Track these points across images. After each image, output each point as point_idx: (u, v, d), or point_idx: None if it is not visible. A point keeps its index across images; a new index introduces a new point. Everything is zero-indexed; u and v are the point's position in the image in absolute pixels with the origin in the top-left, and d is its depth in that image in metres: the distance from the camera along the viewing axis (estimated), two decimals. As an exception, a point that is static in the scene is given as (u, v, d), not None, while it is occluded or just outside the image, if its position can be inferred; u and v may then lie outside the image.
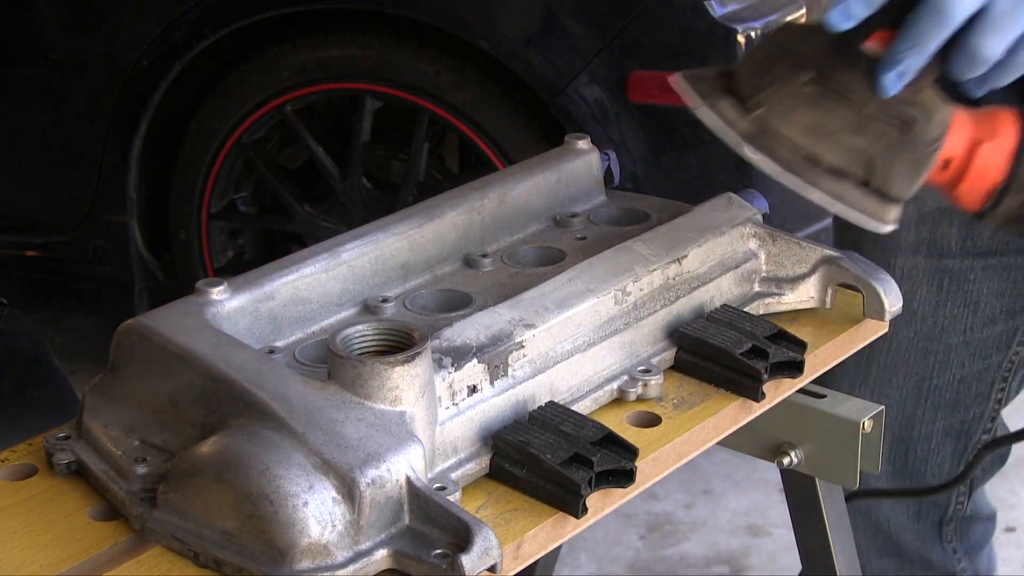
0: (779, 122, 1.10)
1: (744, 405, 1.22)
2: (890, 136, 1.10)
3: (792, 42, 1.12)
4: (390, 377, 1.01)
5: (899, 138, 1.10)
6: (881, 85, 1.06)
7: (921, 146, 1.11)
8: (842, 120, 1.10)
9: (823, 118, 1.09)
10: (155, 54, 2.93)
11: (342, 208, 3.00)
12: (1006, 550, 2.98)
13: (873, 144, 1.10)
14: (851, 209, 1.12)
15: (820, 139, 1.10)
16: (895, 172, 1.11)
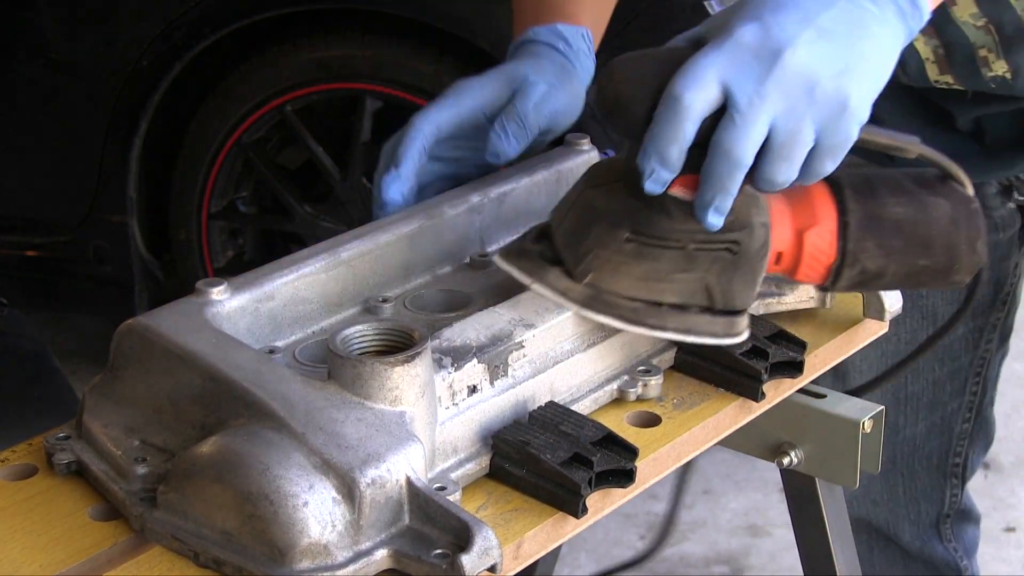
0: (610, 282, 1.12)
1: (744, 405, 1.22)
2: (722, 261, 1.12)
3: (599, 202, 1.12)
4: (390, 377, 1.01)
5: (731, 260, 1.12)
6: (707, 224, 1.08)
7: (752, 258, 1.13)
8: (670, 263, 1.11)
9: (652, 267, 1.11)
10: (155, 54, 2.93)
11: (342, 208, 3.00)
12: (1006, 550, 2.98)
13: (707, 273, 1.12)
14: (703, 337, 1.14)
15: (655, 285, 1.12)
16: (735, 289, 1.13)
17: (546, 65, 1.35)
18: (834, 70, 1.04)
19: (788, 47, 1.03)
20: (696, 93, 1.02)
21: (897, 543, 1.88)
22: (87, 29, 3.02)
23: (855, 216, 1.12)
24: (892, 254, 1.13)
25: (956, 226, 1.13)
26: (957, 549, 1.90)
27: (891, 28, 1.07)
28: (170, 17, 2.91)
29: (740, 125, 1.03)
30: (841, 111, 1.04)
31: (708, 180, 1.05)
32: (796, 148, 1.04)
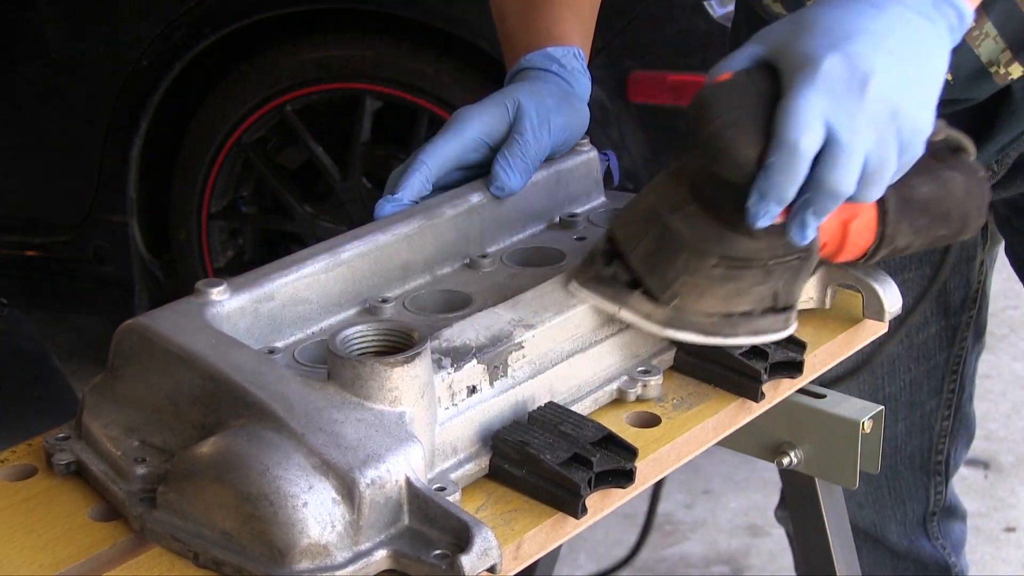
0: (695, 303, 1.16)
1: (744, 405, 1.22)
2: (794, 268, 1.17)
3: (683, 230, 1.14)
4: (390, 377, 1.01)
5: (799, 265, 1.17)
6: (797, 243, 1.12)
7: (815, 259, 1.19)
8: (751, 279, 1.16)
9: (735, 286, 1.15)
10: (155, 54, 2.93)
11: (342, 208, 3.01)
12: (1006, 550, 2.98)
13: (779, 282, 1.17)
14: (769, 336, 1.19)
15: (734, 299, 1.16)
16: (797, 289, 1.20)
17: (543, 89, 1.37)
18: (908, 93, 1.08)
19: (872, 77, 1.06)
20: (809, 137, 1.06)
21: (884, 543, 1.89)
22: (87, 29, 3.02)
23: (892, 203, 1.19)
24: (920, 231, 1.21)
25: (969, 196, 1.21)
26: (945, 546, 1.91)
27: (945, 43, 1.12)
28: (170, 17, 2.91)
29: (844, 162, 1.06)
30: (916, 132, 1.09)
31: (808, 209, 1.09)
32: (886, 173, 1.09)
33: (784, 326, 1.20)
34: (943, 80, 1.12)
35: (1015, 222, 1.66)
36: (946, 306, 1.74)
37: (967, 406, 1.85)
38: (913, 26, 1.10)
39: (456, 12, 2.75)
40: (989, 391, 3.49)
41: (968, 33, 1.43)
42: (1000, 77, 1.47)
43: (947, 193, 1.21)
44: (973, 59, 1.45)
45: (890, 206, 1.19)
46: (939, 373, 1.79)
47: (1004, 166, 1.57)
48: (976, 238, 1.71)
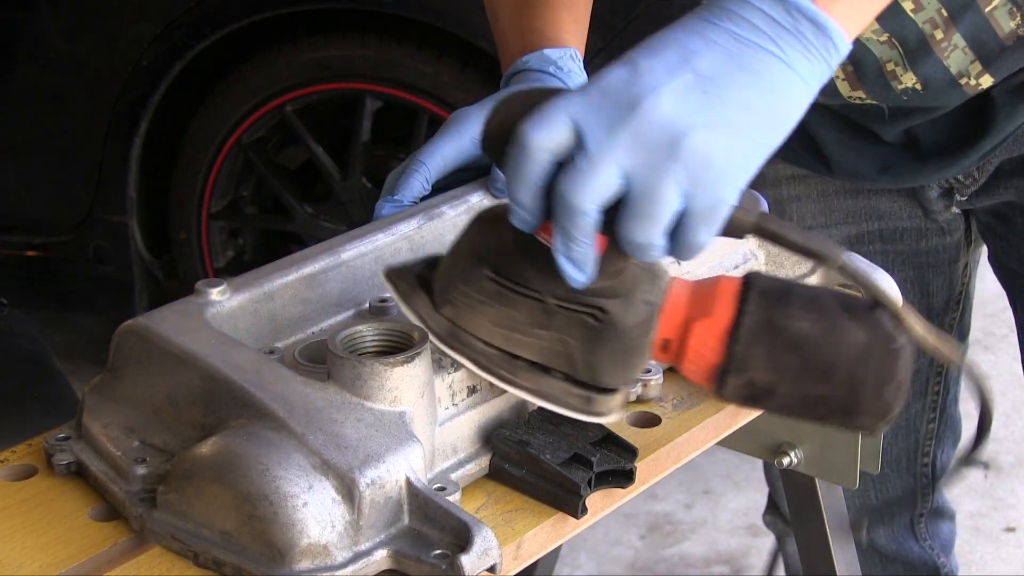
0: (468, 321, 1.04)
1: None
2: (583, 327, 1.01)
3: (476, 236, 1.05)
4: (389, 378, 1.01)
5: (595, 328, 1.01)
6: (566, 277, 0.98)
7: (622, 333, 1.01)
8: (528, 315, 1.02)
9: (509, 314, 1.02)
10: (155, 54, 2.93)
11: (342, 208, 3.00)
12: (1006, 550, 2.98)
13: (567, 336, 1.02)
14: (556, 405, 1.05)
15: (512, 335, 1.03)
16: (600, 363, 1.02)
17: None
18: (704, 123, 0.93)
19: (651, 95, 0.93)
20: (541, 134, 0.94)
21: (873, 546, 1.89)
22: (87, 29, 3.02)
23: (751, 319, 0.99)
24: (785, 372, 0.99)
25: (866, 361, 0.98)
26: (933, 547, 1.92)
27: (796, 72, 0.97)
28: (170, 17, 2.91)
29: (583, 171, 0.93)
30: (707, 170, 0.93)
31: (555, 227, 0.96)
32: (656, 207, 0.93)
33: (583, 406, 1.04)
34: (789, 115, 0.97)
35: (997, 229, 1.65)
36: (929, 309, 1.74)
37: (952, 408, 1.85)
38: (748, 47, 0.96)
39: (456, 12, 2.75)
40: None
41: (936, 43, 1.43)
42: (971, 88, 1.46)
43: (834, 343, 0.98)
44: (942, 70, 1.44)
45: (746, 320, 0.99)
46: (923, 376, 1.79)
47: (985, 172, 1.57)
48: (959, 240, 1.71)
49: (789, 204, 1.67)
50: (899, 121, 1.52)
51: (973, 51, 1.43)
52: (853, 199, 1.65)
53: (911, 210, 1.65)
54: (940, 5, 1.41)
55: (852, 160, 1.57)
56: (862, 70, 1.47)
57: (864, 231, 1.66)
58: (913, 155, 1.55)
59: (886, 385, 0.98)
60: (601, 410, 1.05)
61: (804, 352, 0.98)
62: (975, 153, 1.51)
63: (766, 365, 0.98)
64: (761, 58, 0.96)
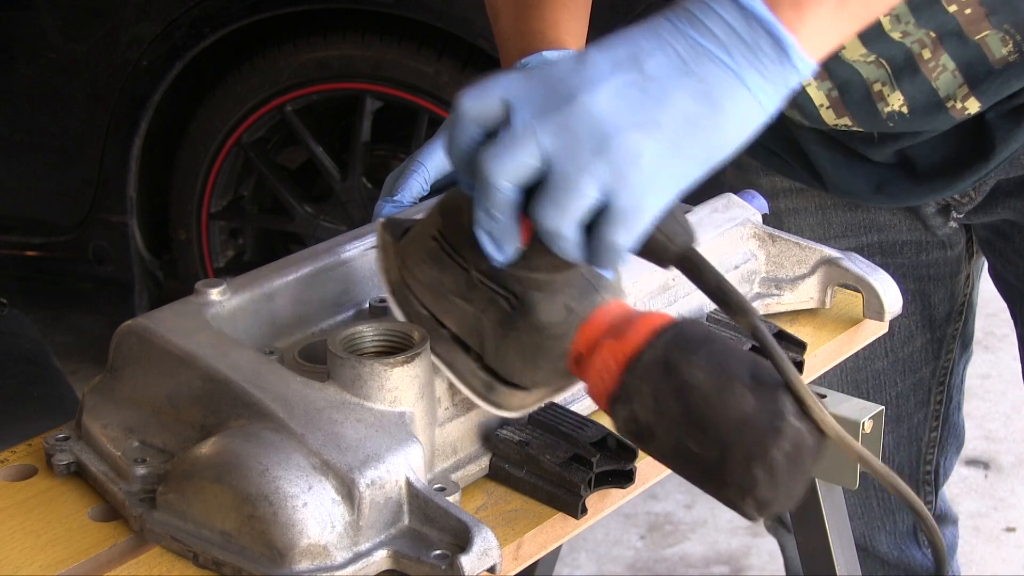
0: (410, 276, 1.05)
1: (744, 405, 1.21)
2: (498, 310, 1.01)
3: (450, 197, 1.05)
4: (389, 378, 1.01)
5: (508, 314, 1.01)
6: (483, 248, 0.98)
7: (533, 328, 1.00)
8: (453, 281, 1.03)
9: (438, 277, 1.03)
10: (155, 54, 2.93)
11: (342, 208, 3.00)
12: (1006, 550, 2.98)
13: (483, 315, 1.02)
14: (460, 382, 1.05)
15: (439, 299, 1.04)
16: (506, 352, 1.02)
17: None
18: (636, 123, 0.92)
19: (589, 89, 0.93)
20: (474, 102, 0.95)
21: (874, 553, 1.89)
22: (87, 29, 3.02)
23: (651, 354, 0.96)
24: (664, 415, 0.95)
25: (742, 430, 0.92)
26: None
27: (746, 87, 0.94)
28: (170, 17, 2.91)
29: (502, 145, 0.93)
30: (631, 170, 0.91)
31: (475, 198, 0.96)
32: (570, 196, 0.92)
33: (483, 392, 1.04)
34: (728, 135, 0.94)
35: (996, 245, 1.65)
36: (931, 320, 1.73)
37: (956, 415, 1.85)
38: (697, 58, 0.93)
39: (456, 12, 2.75)
40: (989, 391, 3.49)
41: (924, 63, 1.43)
42: (956, 112, 1.45)
43: (720, 403, 0.93)
44: (930, 91, 1.44)
45: (645, 355, 0.96)
46: (925, 385, 1.78)
47: (981, 192, 1.57)
48: (960, 253, 1.70)
49: (787, 217, 1.66)
50: (888, 144, 1.51)
51: (962, 74, 1.42)
52: (852, 212, 1.65)
53: (911, 223, 1.65)
54: (928, 30, 1.40)
55: (846, 179, 1.57)
56: (848, 93, 1.46)
57: (863, 244, 1.66)
58: (908, 175, 1.54)
59: (755, 460, 0.92)
60: (500, 401, 1.05)
61: (687, 402, 0.94)
62: (971, 176, 1.50)
63: (650, 404, 0.95)
64: (711, 67, 0.94)
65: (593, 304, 1.01)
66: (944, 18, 1.38)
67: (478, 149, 0.95)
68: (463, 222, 1.01)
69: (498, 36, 1.46)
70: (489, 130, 0.96)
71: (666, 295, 1.25)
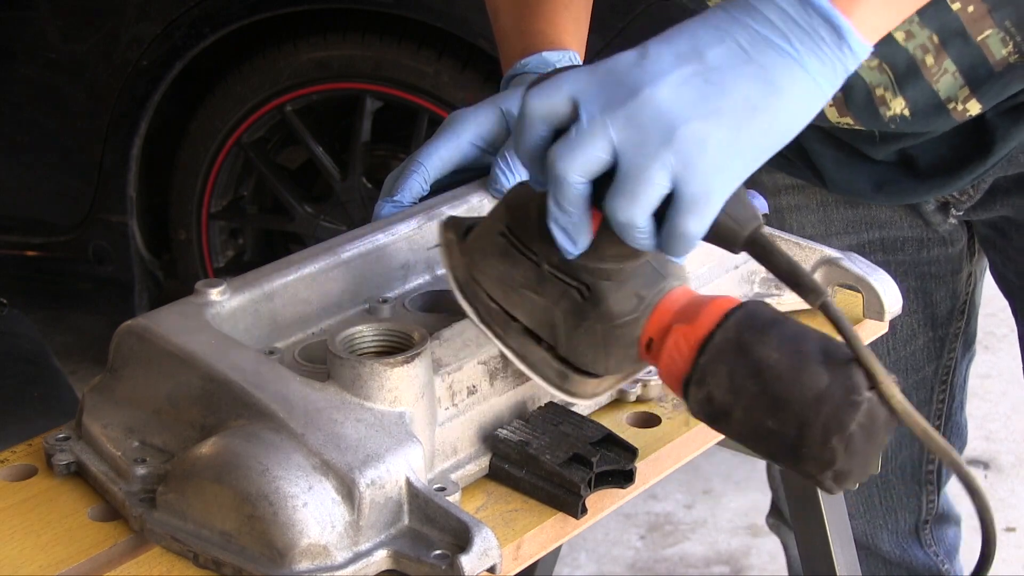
0: (479, 272, 1.07)
1: (744, 405, 1.21)
2: (571, 300, 1.03)
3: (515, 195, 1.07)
4: (389, 378, 1.01)
5: (580, 304, 1.03)
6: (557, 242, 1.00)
7: (604, 317, 1.02)
8: (524, 275, 1.04)
9: (508, 271, 1.05)
10: (155, 54, 2.93)
11: (342, 208, 3.00)
12: (1006, 550, 2.98)
13: (555, 307, 1.04)
14: (534, 373, 1.06)
15: (509, 294, 1.05)
16: (579, 341, 1.04)
17: None
18: (702, 113, 0.94)
19: (654, 81, 0.95)
20: (542, 101, 0.97)
21: (877, 552, 1.89)
22: (87, 29, 3.02)
23: (724, 336, 0.99)
24: (741, 395, 0.98)
25: (819, 405, 0.95)
26: (938, 553, 1.91)
27: (807, 71, 0.96)
28: (170, 17, 2.91)
29: (572, 142, 0.96)
30: (699, 158, 0.94)
31: (548, 194, 0.99)
32: (642, 187, 0.94)
33: (557, 381, 1.06)
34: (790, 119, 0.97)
35: (996, 242, 1.65)
36: (933, 318, 1.73)
37: (958, 415, 1.85)
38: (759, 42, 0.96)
39: (456, 12, 2.75)
40: (989, 391, 3.49)
41: (926, 69, 1.43)
42: (958, 114, 1.45)
43: (795, 380, 0.96)
44: (931, 94, 1.44)
45: (719, 336, 0.99)
46: (928, 384, 1.78)
47: (980, 189, 1.57)
48: (961, 250, 1.70)
49: (789, 213, 1.66)
50: (889, 144, 1.51)
51: (963, 76, 1.42)
52: (853, 209, 1.65)
53: (911, 220, 1.65)
54: (931, 32, 1.40)
55: (847, 177, 1.57)
56: (851, 96, 1.46)
57: (865, 241, 1.66)
58: (908, 174, 1.54)
59: (834, 434, 0.95)
60: (574, 390, 1.06)
61: (763, 380, 0.97)
62: (970, 173, 1.50)
63: (726, 384, 0.98)
64: (771, 54, 0.96)
65: (662, 291, 1.04)
66: (948, 17, 1.38)
67: (548, 146, 0.98)
68: (532, 217, 1.04)
69: (498, 36, 1.46)
70: (556, 127, 0.98)
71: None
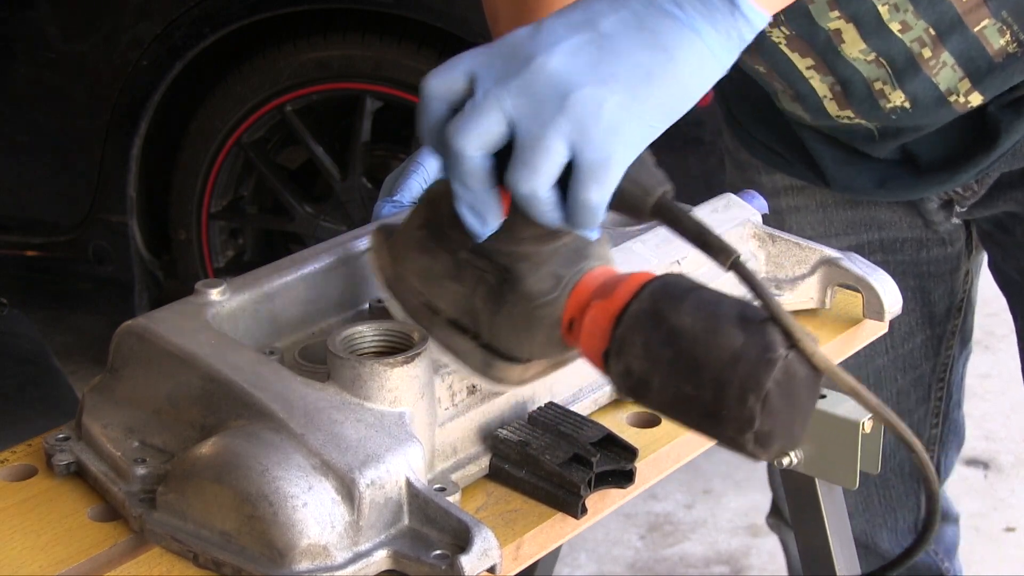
0: (401, 267, 1.07)
1: (744, 406, 1.21)
2: (488, 286, 1.03)
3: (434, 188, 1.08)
4: (389, 378, 1.01)
5: (497, 289, 1.03)
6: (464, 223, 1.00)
7: (522, 298, 1.02)
8: (443, 266, 1.05)
9: (429, 264, 1.05)
10: (155, 54, 2.93)
11: (342, 208, 3.01)
12: (1006, 550, 2.98)
13: (474, 294, 1.04)
14: (461, 362, 1.06)
15: (431, 286, 1.06)
16: (500, 326, 1.03)
17: None
18: (595, 79, 0.94)
19: (545, 50, 0.95)
20: (439, 80, 0.99)
21: (876, 551, 1.89)
22: (87, 29, 3.02)
23: (638, 306, 0.97)
24: (658, 364, 0.96)
25: (735, 365, 0.93)
26: (937, 551, 1.91)
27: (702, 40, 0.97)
28: (170, 17, 2.91)
29: (467, 115, 0.96)
30: (595, 123, 0.94)
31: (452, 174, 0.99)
32: (540, 156, 0.94)
33: (482, 368, 1.05)
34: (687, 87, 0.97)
35: (997, 237, 1.65)
36: (931, 316, 1.73)
37: (955, 412, 1.85)
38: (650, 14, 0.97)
39: (456, 12, 2.75)
40: (989, 391, 3.49)
41: (924, 62, 1.43)
42: (960, 106, 1.45)
43: (710, 342, 0.94)
44: (931, 87, 1.44)
45: (633, 307, 0.97)
46: (925, 382, 1.79)
47: (984, 185, 1.57)
48: (960, 250, 1.70)
49: (788, 214, 1.67)
50: (889, 140, 1.51)
51: (962, 68, 1.42)
52: (853, 210, 1.65)
53: (911, 220, 1.65)
54: (928, 25, 1.40)
55: (848, 175, 1.57)
56: (850, 89, 1.46)
57: (864, 241, 1.66)
58: (911, 170, 1.54)
59: (750, 393, 0.92)
60: (500, 375, 1.05)
61: (678, 346, 0.95)
62: (973, 168, 1.50)
63: (642, 353, 0.97)
64: (665, 21, 0.97)
65: (581, 271, 1.03)
66: (943, 6, 1.38)
67: None
68: (445, 206, 1.03)
69: (497, 37, 1.46)
70: (455, 106, 0.99)
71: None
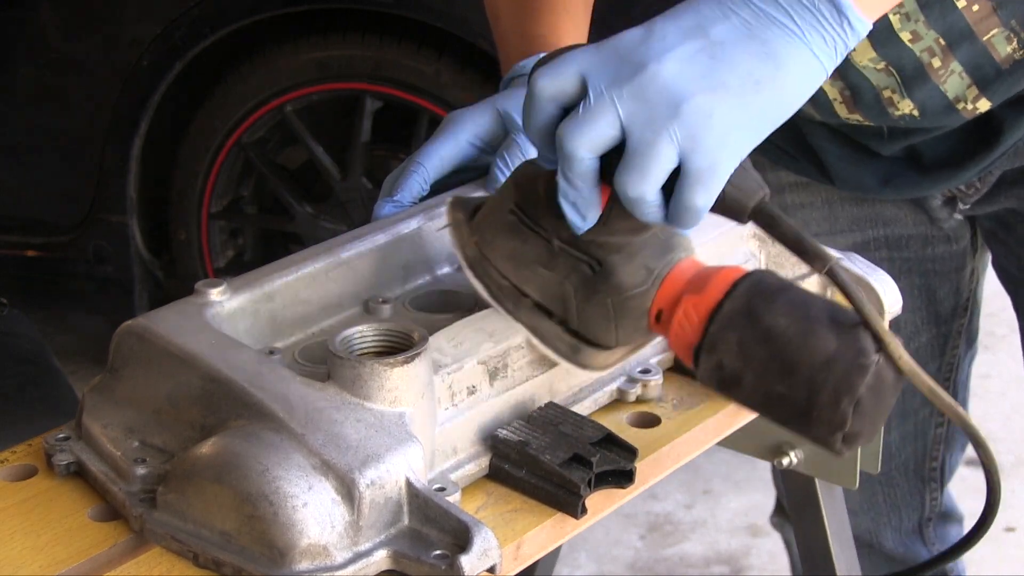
0: (489, 250, 1.09)
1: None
2: (581, 275, 1.06)
3: (522, 174, 1.10)
4: (389, 378, 1.01)
5: (591, 278, 1.06)
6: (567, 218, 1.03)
7: (615, 289, 1.05)
8: (535, 252, 1.07)
9: (519, 248, 1.08)
10: (155, 54, 2.93)
11: (342, 208, 3.01)
12: (1006, 550, 2.98)
13: (566, 281, 1.06)
14: (546, 346, 1.09)
15: (520, 270, 1.08)
16: (590, 314, 1.06)
17: None
18: (707, 86, 0.97)
19: (659, 57, 0.97)
20: (549, 80, 1.00)
21: (880, 549, 1.89)
22: (87, 29, 3.02)
23: (733, 304, 1.01)
24: (751, 361, 0.99)
25: (829, 368, 0.97)
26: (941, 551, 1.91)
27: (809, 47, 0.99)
28: (170, 17, 2.91)
29: (580, 117, 0.98)
30: (705, 131, 0.96)
31: (558, 170, 1.01)
32: (651, 161, 0.97)
33: (569, 353, 1.09)
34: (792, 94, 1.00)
35: (999, 235, 1.65)
36: (936, 314, 1.74)
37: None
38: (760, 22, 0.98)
39: (456, 12, 2.75)
40: (989, 391, 3.49)
41: (933, 71, 1.43)
42: (968, 112, 1.45)
43: (804, 344, 0.98)
44: (939, 95, 1.44)
45: (728, 305, 1.01)
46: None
47: (987, 183, 1.57)
48: (965, 247, 1.70)
49: (793, 211, 1.67)
50: (898, 140, 1.52)
51: (970, 76, 1.42)
52: (858, 206, 1.65)
53: (916, 217, 1.65)
54: (938, 35, 1.40)
55: (853, 173, 1.57)
56: (859, 96, 1.47)
57: (869, 238, 1.66)
58: (915, 168, 1.55)
59: (843, 396, 0.96)
60: (587, 362, 1.09)
61: (772, 346, 0.99)
62: (977, 166, 1.51)
63: (736, 351, 1.00)
64: (773, 30, 0.99)
65: (670, 263, 1.07)
66: (953, 16, 1.38)
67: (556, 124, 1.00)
68: (540, 194, 1.06)
69: (498, 38, 1.46)
70: (566, 106, 1.01)
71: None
